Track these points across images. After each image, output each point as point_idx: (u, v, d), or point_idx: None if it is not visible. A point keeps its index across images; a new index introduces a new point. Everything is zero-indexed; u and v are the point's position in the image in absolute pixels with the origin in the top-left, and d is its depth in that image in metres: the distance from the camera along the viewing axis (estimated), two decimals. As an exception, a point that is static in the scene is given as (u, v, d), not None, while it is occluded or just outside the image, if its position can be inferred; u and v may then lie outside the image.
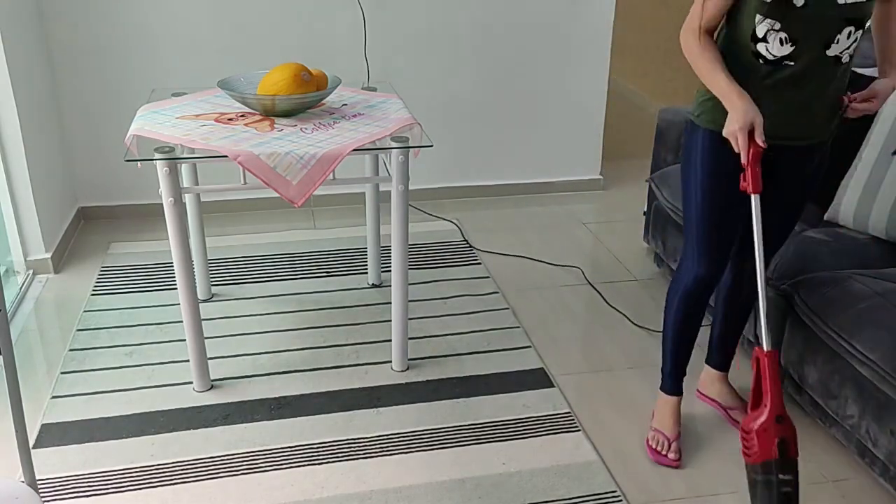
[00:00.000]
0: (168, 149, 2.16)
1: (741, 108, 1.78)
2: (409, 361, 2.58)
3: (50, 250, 3.12)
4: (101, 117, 3.44)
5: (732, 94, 1.80)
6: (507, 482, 2.09)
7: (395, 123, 2.35)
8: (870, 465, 2.07)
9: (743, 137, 1.78)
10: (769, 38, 1.81)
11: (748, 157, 1.80)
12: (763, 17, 1.79)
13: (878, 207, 2.37)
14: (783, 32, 1.79)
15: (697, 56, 1.87)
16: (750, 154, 1.79)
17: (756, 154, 1.79)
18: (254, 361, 2.58)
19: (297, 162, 2.13)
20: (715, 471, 2.16)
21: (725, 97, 1.83)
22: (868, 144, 2.43)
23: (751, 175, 1.81)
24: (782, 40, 1.81)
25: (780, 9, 1.76)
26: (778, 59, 1.83)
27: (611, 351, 2.70)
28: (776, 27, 1.79)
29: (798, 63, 1.83)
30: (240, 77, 2.49)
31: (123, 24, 3.33)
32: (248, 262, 3.23)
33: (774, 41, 1.81)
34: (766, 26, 1.80)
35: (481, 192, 3.92)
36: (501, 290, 3.06)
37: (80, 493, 2.03)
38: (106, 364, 2.55)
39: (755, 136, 1.78)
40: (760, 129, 1.78)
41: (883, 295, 2.07)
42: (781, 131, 1.88)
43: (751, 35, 1.83)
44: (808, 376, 2.22)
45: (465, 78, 3.70)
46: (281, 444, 2.21)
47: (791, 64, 1.83)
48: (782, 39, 1.80)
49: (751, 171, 1.81)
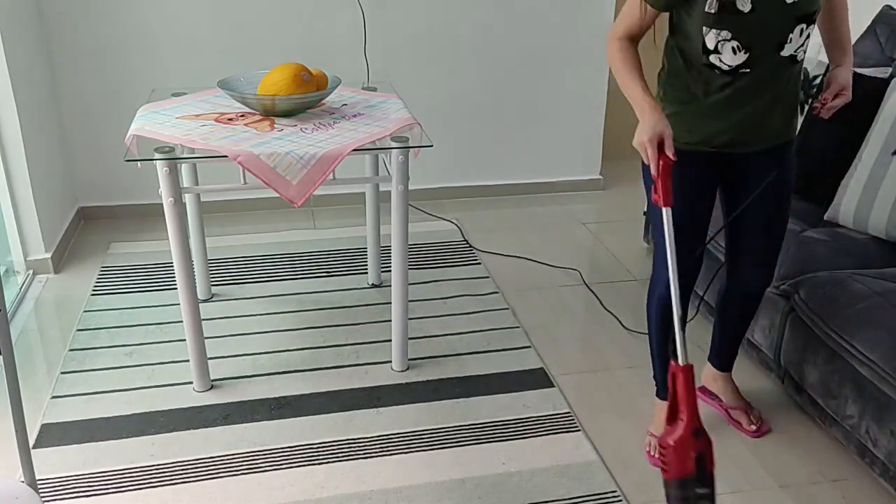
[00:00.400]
0: (168, 149, 2.16)
1: (650, 120, 1.75)
2: (409, 361, 2.58)
3: (50, 250, 3.12)
4: (101, 117, 3.44)
5: (644, 103, 1.78)
6: (507, 482, 2.09)
7: (395, 123, 2.35)
8: (870, 465, 2.06)
9: (652, 149, 1.75)
10: (721, 49, 1.78)
11: (658, 170, 1.76)
12: (710, 29, 1.76)
13: (878, 207, 2.37)
14: (734, 41, 1.76)
15: (619, 66, 1.84)
16: (660, 167, 1.76)
17: (666, 167, 1.76)
18: (254, 361, 2.58)
19: (297, 162, 2.13)
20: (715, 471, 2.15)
21: (637, 107, 1.80)
22: (868, 144, 2.43)
23: (661, 188, 1.77)
24: (734, 49, 1.77)
25: (727, 18, 1.73)
26: (734, 69, 1.81)
27: (611, 351, 2.70)
28: (727, 37, 1.76)
29: (754, 69, 1.80)
30: (240, 77, 2.49)
31: (123, 24, 3.33)
32: (248, 262, 3.23)
33: (726, 51, 1.78)
34: (716, 37, 1.77)
35: (481, 192, 3.92)
36: (501, 290, 3.06)
37: (80, 493, 2.03)
38: (106, 364, 2.55)
39: (665, 149, 1.75)
40: (670, 140, 1.75)
41: (883, 295, 2.07)
42: (745, 137, 1.89)
43: (702, 48, 1.81)
44: (808, 376, 2.22)
45: (465, 78, 3.70)
46: (281, 444, 2.21)
47: (748, 71, 1.80)
48: (734, 48, 1.77)
49: (661, 184, 1.77)
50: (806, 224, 2.51)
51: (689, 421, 1.67)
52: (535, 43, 3.71)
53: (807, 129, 2.69)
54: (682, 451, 1.66)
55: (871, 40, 2.87)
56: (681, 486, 1.68)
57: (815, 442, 2.27)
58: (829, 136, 2.61)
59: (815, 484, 2.12)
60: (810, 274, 2.27)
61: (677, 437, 1.67)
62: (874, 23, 2.90)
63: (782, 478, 2.13)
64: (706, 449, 1.67)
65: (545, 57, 3.74)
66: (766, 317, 2.41)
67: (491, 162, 3.90)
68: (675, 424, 1.69)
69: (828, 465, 2.18)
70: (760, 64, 1.80)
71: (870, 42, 2.88)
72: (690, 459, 1.66)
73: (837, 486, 2.11)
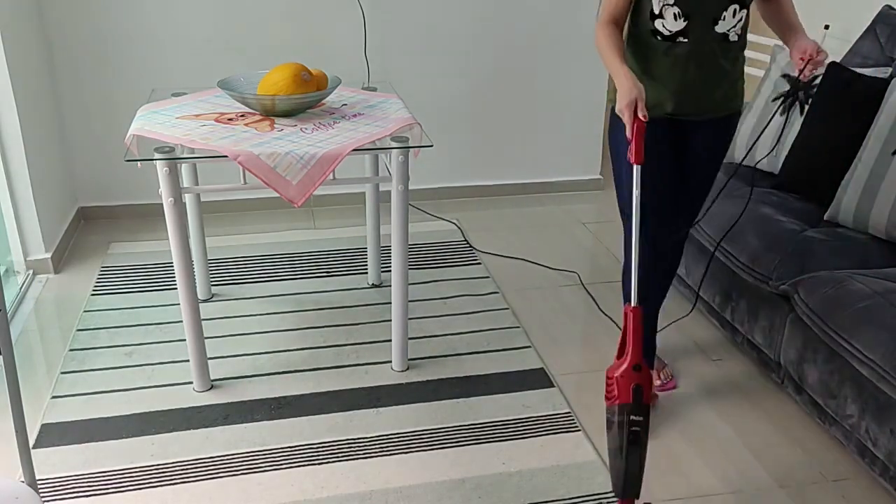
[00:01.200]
0: (168, 149, 2.16)
1: (626, 85, 1.94)
2: (409, 361, 2.58)
3: (50, 250, 3.12)
4: (101, 117, 3.44)
5: (620, 73, 1.98)
6: (507, 482, 2.09)
7: (395, 123, 2.35)
8: (870, 465, 2.06)
9: (629, 113, 1.93)
10: (665, 14, 2.02)
11: (633, 131, 1.94)
12: None
13: (878, 207, 2.37)
14: (676, 7, 2.00)
15: (602, 45, 2.05)
16: (634, 128, 1.93)
17: (640, 128, 1.93)
18: (254, 361, 2.58)
19: (297, 162, 2.13)
20: (715, 471, 2.15)
21: (615, 76, 2.00)
22: (868, 144, 2.43)
23: (634, 147, 1.94)
24: (675, 15, 2.01)
25: None
26: (673, 35, 2.04)
27: (611, 351, 2.68)
28: (669, 2, 2.00)
29: (691, 38, 2.03)
30: (240, 77, 2.49)
31: (123, 24, 3.33)
32: (248, 262, 3.23)
33: (668, 16, 2.02)
34: (661, 2, 2.01)
35: (481, 192, 3.92)
36: (501, 290, 3.06)
37: (80, 493, 2.03)
38: (106, 364, 2.55)
39: (637, 111, 1.92)
40: (643, 103, 1.93)
41: (883, 295, 2.07)
42: (689, 106, 2.11)
43: (650, 14, 2.05)
44: (808, 376, 2.22)
45: (465, 78, 3.70)
46: (281, 444, 2.21)
47: (685, 41, 2.04)
48: (675, 14, 2.01)
49: (634, 144, 1.94)
50: (806, 224, 2.51)
51: (632, 357, 1.86)
52: (535, 43, 3.71)
53: (807, 129, 2.69)
54: (624, 382, 1.85)
55: (871, 40, 2.87)
56: (620, 412, 1.85)
57: (815, 442, 2.27)
58: (829, 136, 2.61)
59: (815, 484, 2.12)
60: (810, 274, 2.27)
61: (622, 370, 1.86)
62: (874, 23, 2.90)
63: (782, 478, 2.14)
64: (645, 383, 1.85)
65: (545, 57, 3.74)
66: (766, 317, 2.41)
67: (491, 162, 3.90)
68: (621, 359, 1.88)
69: (828, 465, 2.18)
70: (696, 34, 2.03)
71: (870, 42, 2.88)
72: (629, 390, 1.85)
73: (837, 486, 2.11)
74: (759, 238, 2.46)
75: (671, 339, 2.76)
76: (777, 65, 2.91)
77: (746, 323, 2.51)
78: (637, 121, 1.93)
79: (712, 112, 2.15)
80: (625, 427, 1.84)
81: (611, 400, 1.88)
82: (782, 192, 2.70)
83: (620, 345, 1.91)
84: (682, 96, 2.09)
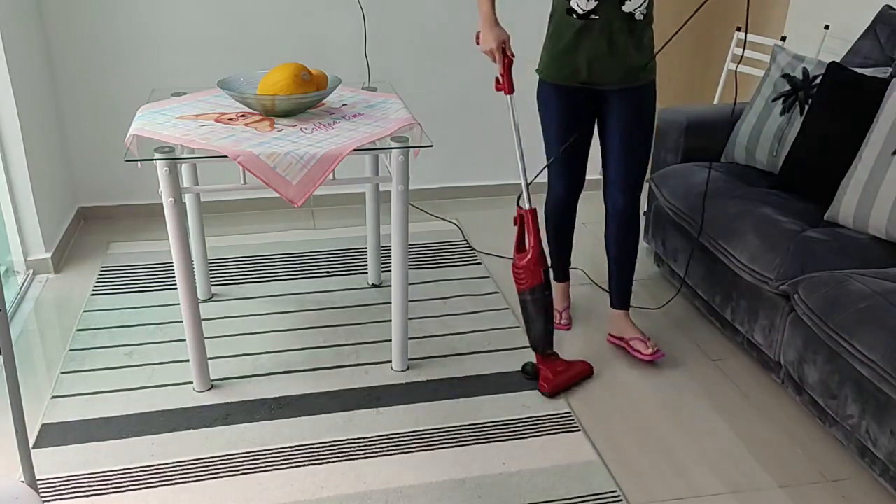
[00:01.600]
0: (168, 149, 2.16)
1: (493, 31, 2.38)
2: (409, 361, 2.58)
3: (50, 250, 3.12)
4: (101, 117, 3.44)
5: (488, 20, 2.39)
6: (507, 482, 2.09)
7: (395, 123, 2.35)
8: (870, 465, 2.07)
9: (498, 53, 2.39)
10: None
11: (504, 67, 2.42)
12: None
13: (878, 207, 2.37)
14: None
15: None
16: (505, 64, 2.41)
17: (509, 63, 2.42)
18: (254, 361, 2.58)
19: (297, 162, 2.13)
20: (715, 471, 2.16)
21: (483, 21, 2.40)
22: (868, 144, 2.43)
23: (506, 80, 2.44)
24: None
25: None
26: (586, 14, 2.35)
27: (611, 351, 2.70)
28: None
29: (601, 16, 2.34)
30: (240, 77, 2.49)
31: (123, 24, 3.33)
32: (248, 262, 3.23)
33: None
34: None
35: (481, 192, 3.92)
36: (501, 290, 3.06)
37: (80, 493, 2.03)
38: (106, 364, 2.55)
39: (507, 51, 2.40)
40: (509, 43, 2.40)
41: (883, 295, 2.07)
42: (603, 76, 2.42)
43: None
44: (808, 376, 2.22)
45: (465, 78, 3.70)
46: (281, 444, 2.21)
47: (596, 18, 2.35)
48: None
49: (506, 77, 2.43)
50: (806, 224, 2.51)
51: (536, 248, 2.39)
52: (535, 43, 3.69)
53: (807, 129, 2.69)
54: (535, 269, 2.38)
55: (871, 40, 2.87)
56: (532, 292, 2.40)
57: (815, 442, 2.27)
58: (829, 136, 2.61)
59: (815, 484, 2.12)
60: (810, 274, 2.27)
61: (529, 259, 2.39)
62: (874, 23, 2.90)
63: (782, 478, 2.14)
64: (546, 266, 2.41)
65: (545, 57, 3.73)
66: (766, 317, 2.41)
67: (491, 162, 3.90)
68: (524, 253, 2.41)
69: (828, 465, 2.18)
70: (606, 12, 2.33)
71: (870, 42, 2.88)
72: (540, 273, 2.39)
73: (837, 486, 2.11)
74: (759, 238, 2.46)
75: (671, 338, 2.76)
76: (777, 65, 2.91)
77: (746, 323, 2.51)
78: (507, 59, 2.41)
79: (624, 82, 2.43)
80: (539, 301, 2.40)
81: (523, 284, 2.41)
82: (782, 192, 2.70)
83: (518, 242, 2.44)
84: (594, 66, 2.40)
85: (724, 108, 3.14)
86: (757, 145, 2.89)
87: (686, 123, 3.04)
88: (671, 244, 2.96)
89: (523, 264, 2.39)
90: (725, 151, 3.03)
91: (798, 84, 2.80)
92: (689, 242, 2.80)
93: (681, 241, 2.87)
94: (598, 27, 2.35)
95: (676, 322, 2.86)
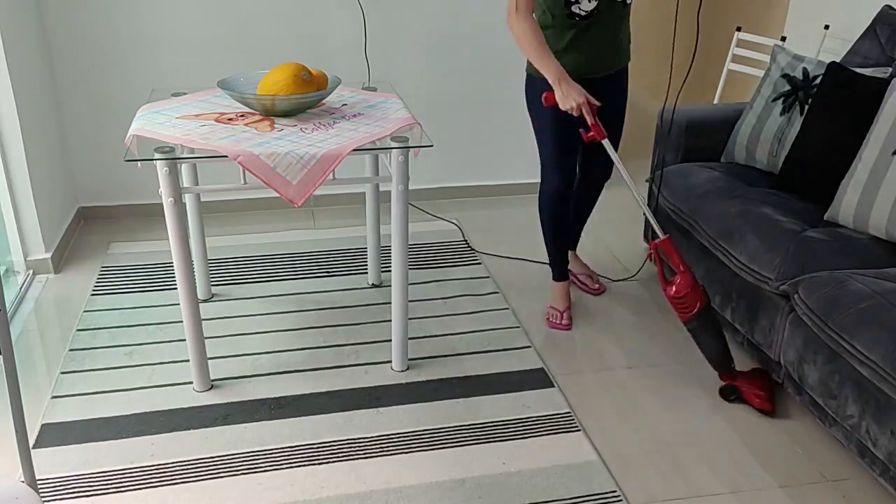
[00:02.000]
0: (168, 149, 2.16)
1: (575, 87, 2.36)
2: (409, 361, 2.58)
3: (50, 250, 3.12)
4: (100, 117, 3.44)
5: (564, 77, 2.37)
6: (507, 482, 2.09)
7: (395, 123, 2.35)
8: (870, 465, 2.07)
9: (585, 108, 2.37)
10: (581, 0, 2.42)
11: (593, 117, 2.40)
12: None
13: (878, 207, 2.37)
14: None
15: (530, 42, 2.38)
16: (593, 112, 2.39)
17: (594, 109, 2.39)
18: (254, 361, 2.58)
19: (297, 162, 2.13)
20: (715, 471, 2.16)
21: (559, 79, 2.37)
22: (868, 144, 2.43)
23: (595, 127, 2.41)
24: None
25: None
26: (588, 14, 2.43)
27: (611, 351, 2.70)
28: None
29: (603, 12, 2.44)
30: (240, 77, 2.49)
31: (123, 24, 3.33)
32: (248, 262, 3.23)
33: (584, 0, 2.41)
34: None
35: (481, 192, 3.92)
36: (501, 290, 3.06)
37: (80, 493, 2.03)
38: (106, 364, 2.55)
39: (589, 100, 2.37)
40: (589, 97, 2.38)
41: (883, 295, 2.07)
42: (599, 66, 2.55)
43: (563, 2, 2.42)
44: (808, 376, 2.22)
45: (465, 78, 3.70)
46: (281, 444, 2.21)
47: (598, 14, 2.44)
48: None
49: (595, 125, 2.41)
50: (806, 224, 2.51)
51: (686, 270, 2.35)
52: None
53: (807, 129, 2.69)
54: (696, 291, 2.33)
55: (871, 40, 2.87)
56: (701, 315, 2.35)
57: (816, 442, 2.27)
58: (829, 136, 2.62)
59: (815, 484, 2.12)
60: (810, 274, 2.27)
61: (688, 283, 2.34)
62: (874, 23, 2.90)
63: (782, 478, 2.14)
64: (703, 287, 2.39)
65: (545, 57, 3.73)
66: (766, 317, 2.41)
67: (491, 162, 3.90)
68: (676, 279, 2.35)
69: (828, 465, 2.18)
70: (606, 8, 2.44)
71: (870, 42, 2.88)
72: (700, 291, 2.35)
73: (837, 486, 2.11)
74: (759, 238, 2.46)
75: (671, 338, 2.76)
76: (777, 65, 2.91)
77: (746, 323, 2.51)
78: (593, 107, 2.39)
79: (611, 68, 2.61)
80: (711, 321, 2.36)
81: (688, 311, 2.34)
82: (782, 192, 2.70)
83: (662, 273, 2.41)
84: (593, 59, 2.53)
85: (724, 108, 3.14)
86: (757, 145, 2.89)
87: (686, 123, 3.05)
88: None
89: (683, 291, 2.32)
90: (725, 151, 3.03)
91: (798, 84, 2.80)
92: (690, 243, 2.80)
93: (681, 242, 2.87)
94: (600, 23, 2.46)
95: (676, 322, 2.87)
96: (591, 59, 2.51)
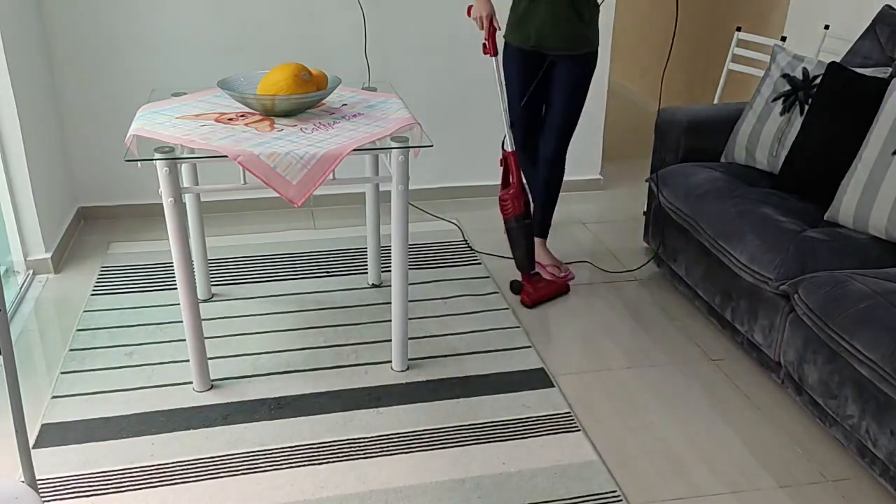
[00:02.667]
0: (168, 149, 2.16)
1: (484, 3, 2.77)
2: (409, 361, 2.58)
3: (50, 250, 3.12)
4: (100, 117, 3.44)
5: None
6: (507, 482, 2.09)
7: (395, 123, 2.35)
8: (870, 465, 2.07)
9: (486, 22, 2.77)
10: None
11: (489, 33, 2.79)
12: None
13: (878, 207, 2.37)
14: None
15: None
16: (490, 31, 2.79)
17: (493, 31, 2.79)
18: (254, 361, 2.58)
19: (297, 162, 2.13)
20: (715, 471, 2.16)
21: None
22: (868, 144, 2.43)
23: (491, 45, 2.80)
24: None
25: None
26: None
27: (611, 351, 2.70)
28: None
29: None
30: (240, 77, 2.49)
31: (123, 24, 3.33)
32: (248, 262, 3.23)
33: None
34: None
35: (481, 192, 3.92)
36: (501, 290, 3.06)
37: (80, 493, 2.03)
38: (106, 364, 2.55)
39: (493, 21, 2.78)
40: (495, 17, 2.78)
41: (883, 295, 2.07)
42: (549, 42, 2.81)
43: None
44: (808, 376, 2.22)
45: (466, 78, 3.70)
46: (281, 444, 2.21)
47: None
48: None
49: (491, 42, 2.80)
50: (806, 224, 2.51)
51: (517, 182, 2.83)
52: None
53: (807, 129, 2.69)
54: (517, 200, 2.84)
55: (871, 40, 2.87)
56: (516, 220, 2.86)
57: (816, 442, 2.27)
58: (829, 137, 2.62)
59: (815, 484, 2.12)
60: (810, 274, 2.27)
61: (512, 192, 2.84)
62: (874, 23, 2.90)
63: (782, 478, 2.14)
64: (526, 199, 2.86)
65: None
66: (766, 317, 2.41)
67: (491, 162, 3.88)
68: (509, 187, 2.85)
69: (828, 465, 2.18)
70: None
71: (870, 42, 2.88)
72: (520, 203, 2.84)
73: (837, 486, 2.11)
74: (759, 238, 2.46)
75: (671, 338, 2.76)
76: (777, 65, 2.91)
77: (746, 323, 2.52)
78: (492, 27, 2.77)
79: (562, 48, 2.81)
80: (522, 228, 2.86)
81: (508, 213, 2.86)
82: (782, 192, 2.70)
83: (504, 178, 2.86)
84: (542, 32, 2.79)
85: (724, 108, 3.14)
86: (757, 145, 2.89)
87: (686, 123, 3.05)
88: (671, 244, 2.96)
89: (507, 196, 2.84)
90: (725, 151, 3.03)
91: (798, 84, 2.80)
92: (690, 243, 2.81)
93: (681, 242, 2.87)
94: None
95: (676, 322, 2.87)
96: (540, 31, 2.79)
